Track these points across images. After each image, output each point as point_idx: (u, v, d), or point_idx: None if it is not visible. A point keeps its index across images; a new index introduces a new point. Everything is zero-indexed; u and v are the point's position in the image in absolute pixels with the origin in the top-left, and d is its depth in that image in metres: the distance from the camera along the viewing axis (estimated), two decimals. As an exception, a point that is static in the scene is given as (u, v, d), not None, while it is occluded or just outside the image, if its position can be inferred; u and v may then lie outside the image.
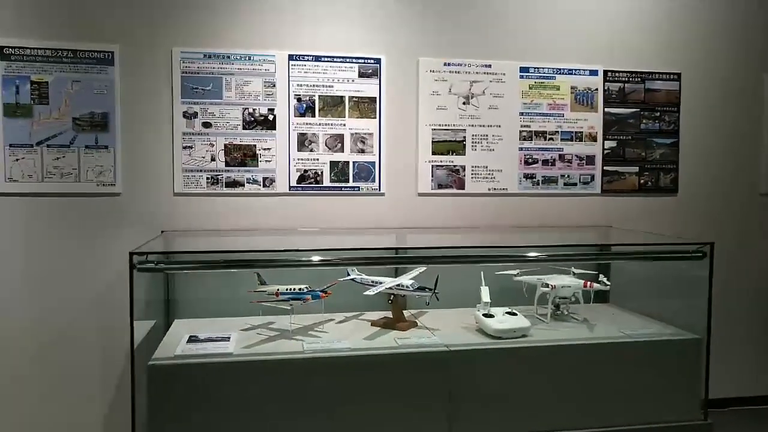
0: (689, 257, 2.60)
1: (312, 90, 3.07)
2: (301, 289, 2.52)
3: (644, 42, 3.40)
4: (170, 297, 2.89)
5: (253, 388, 2.21)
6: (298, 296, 2.48)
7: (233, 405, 2.19)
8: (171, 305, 2.89)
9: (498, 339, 2.51)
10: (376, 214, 3.16)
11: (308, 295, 2.49)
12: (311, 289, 2.54)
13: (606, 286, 2.78)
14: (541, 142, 3.31)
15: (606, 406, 2.50)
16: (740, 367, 3.60)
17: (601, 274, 2.84)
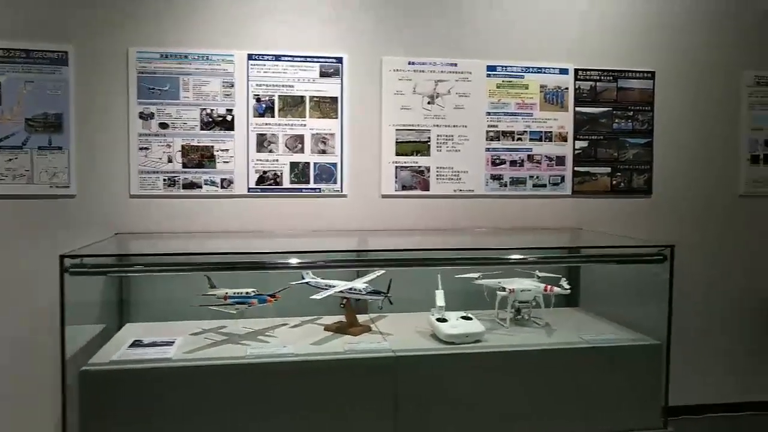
0: (650, 260, 2.51)
1: (272, 90, 3.01)
2: (248, 293, 2.47)
3: (617, 40, 3.32)
4: (124, 300, 2.85)
5: (189, 394, 2.16)
6: (243, 300, 2.43)
7: (169, 412, 2.14)
8: (125, 308, 2.85)
9: (450, 344, 2.44)
10: (339, 216, 3.10)
11: (254, 299, 2.44)
12: (258, 293, 2.49)
13: (566, 290, 2.70)
14: (508, 143, 3.23)
15: (562, 413, 2.42)
16: (719, 372, 3.50)
17: (562, 278, 2.76)
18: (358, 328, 2.62)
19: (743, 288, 3.50)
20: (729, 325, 3.50)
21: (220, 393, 2.18)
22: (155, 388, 2.14)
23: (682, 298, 3.36)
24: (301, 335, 2.58)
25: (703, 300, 3.45)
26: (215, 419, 2.17)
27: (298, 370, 2.25)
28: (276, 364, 2.25)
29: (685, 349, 3.43)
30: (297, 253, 2.65)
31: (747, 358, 3.52)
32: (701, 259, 3.44)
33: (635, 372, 2.48)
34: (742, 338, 3.52)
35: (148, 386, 2.14)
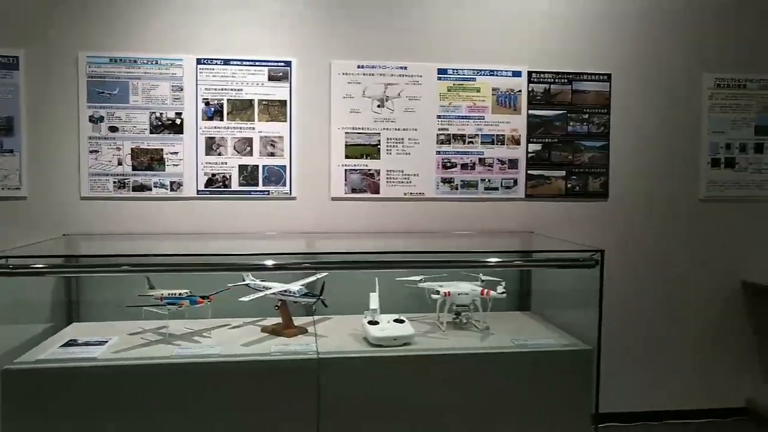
0: (582, 265, 2.49)
1: (221, 94, 3.05)
2: (180, 294, 2.51)
3: (573, 42, 3.29)
4: (74, 300, 2.91)
5: (111, 394, 2.20)
6: (174, 301, 2.47)
7: (89, 412, 2.18)
8: (74, 308, 2.90)
9: (378, 347, 2.45)
10: (288, 219, 3.13)
11: (184, 300, 2.47)
12: (191, 294, 2.52)
13: (502, 294, 2.69)
14: (460, 146, 3.23)
15: (488, 417, 2.41)
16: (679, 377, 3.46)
17: (502, 282, 2.75)
18: (293, 330, 2.64)
19: (702, 294, 3.45)
20: (687, 331, 3.45)
21: (141, 393, 2.22)
22: (76, 387, 2.18)
23: (641, 302, 3.37)
24: (237, 336, 2.61)
25: (661, 305, 3.42)
26: (136, 419, 2.20)
27: (220, 371, 2.28)
28: (198, 365, 2.28)
29: (644, 356, 3.41)
30: (237, 255, 2.70)
31: (709, 364, 3.47)
32: (660, 264, 3.40)
33: (566, 377, 2.47)
34: (701, 344, 3.47)
35: (69, 386, 2.18)
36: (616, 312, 3.37)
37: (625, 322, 3.39)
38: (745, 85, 3.42)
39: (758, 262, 3.47)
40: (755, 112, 3.44)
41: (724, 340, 3.48)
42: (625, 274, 3.37)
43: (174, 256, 2.47)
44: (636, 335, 3.43)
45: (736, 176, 3.44)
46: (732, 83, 3.41)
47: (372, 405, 2.34)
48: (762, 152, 3.45)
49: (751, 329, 3.50)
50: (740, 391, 3.51)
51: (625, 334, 3.39)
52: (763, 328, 3.49)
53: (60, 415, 2.16)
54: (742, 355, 3.50)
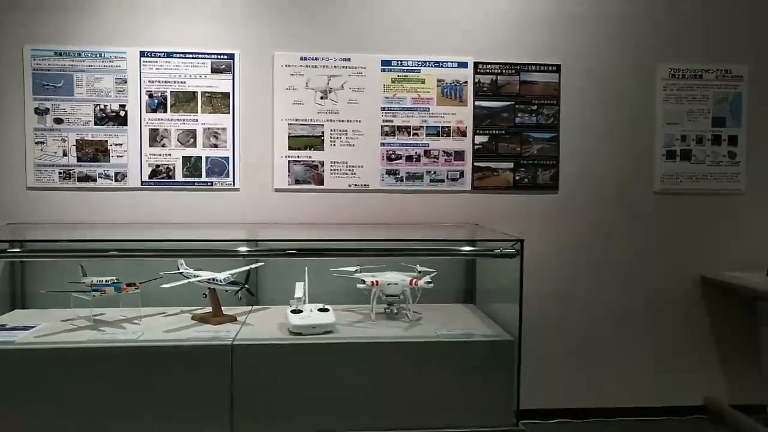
0: (502, 255, 2.46)
1: (164, 86, 3.09)
2: (106, 281, 2.54)
3: (521, 33, 3.26)
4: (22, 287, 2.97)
5: (25, 377, 2.24)
6: (98, 288, 2.51)
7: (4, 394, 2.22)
8: (18, 296, 2.96)
9: (298, 334, 2.46)
10: (231, 210, 3.15)
11: (108, 287, 2.51)
12: (117, 281, 2.56)
13: (429, 284, 2.68)
14: (404, 138, 3.22)
15: (408, 407, 2.40)
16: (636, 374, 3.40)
17: (432, 273, 2.74)
18: (219, 317, 2.66)
19: (659, 289, 3.38)
20: (644, 328, 3.38)
21: (54, 376, 2.25)
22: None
23: (594, 297, 3.31)
24: (166, 323, 2.64)
25: (615, 300, 3.36)
26: (49, 402, 2.24)
27: (133, 356, 2.30)
28: (111, 349, 2.31)
29: (599, 352, 3.36)
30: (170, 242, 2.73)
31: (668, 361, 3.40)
32: (614, 258, 3.34)
33: (487, 368, 2.44)
34: (659, 341, 3.39)
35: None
36: (568, 308, 3.33)
37: (578, 318, 3.34)
38: (702, 75, 3.35)
39: (717, 256, 3.38)
40: (713, 103, 3.36)
41: (682, 336, 3.41)
42: (578, 269, 3.32)
43: (109, 242, 2.53)
44: (591, 331, 3.37)
45: (692, 169, 3.36)
46: (687, 73, 3.34)
47: (285, 392, 2.34)
48: (719, 144, 3.37)
49: (710, 326, 3.41)
50: (699, 389, 3.43)
51: (579, 330, 3.34)
52: (722, 325, 3.40)
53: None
54: (701, 352, 3.42)
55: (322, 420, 2.35)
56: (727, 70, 3.36)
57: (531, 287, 3.24)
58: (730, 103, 3.36)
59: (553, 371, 3.33)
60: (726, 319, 3.39)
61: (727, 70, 3.36)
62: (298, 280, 2.74)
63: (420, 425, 2.39)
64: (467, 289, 3.21)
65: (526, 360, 3.26)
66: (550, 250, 3.30)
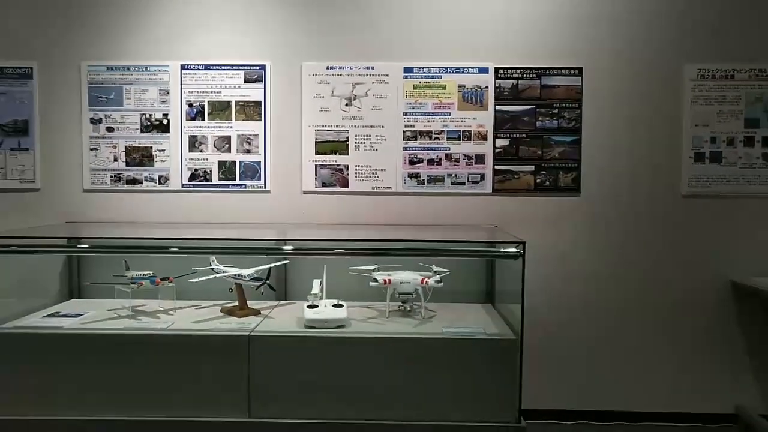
0: (505, 256, 2.54)
1: (202, 96, 3.35)
2: (143, 275, 2.82)
3: (541, 37, 3.30)
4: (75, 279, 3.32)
5: (66, 358, 2.52)
6: (135, 281, 2.78)
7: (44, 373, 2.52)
8: (75, 287, 3.30)
9: (311, 328, 2.63)
10: (262, 211, 3.37)
11: (143, 281, 2.78)
12: (153, 275, 2.83)
13: (439, 283, 2.79)
14: (426, 142, 3.33)
15: (411, 399, 2.52)
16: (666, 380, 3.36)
17: (444, 272, 2.85)
18: (245, 311, 2.87)
19: (688, 295, 3.33)
20: (674, 334, 3.34)
21: (94, 359, 2.52)
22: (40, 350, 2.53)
23: (622, 303, 3.31)
24: (196, 315, 2.88)
25: (643, 306, 3.33)
26: (85, 381, 2.51)
27: (160, 343, 2.54)
28: (142, 336, 2.56)
29: (628, 357, 3.35)
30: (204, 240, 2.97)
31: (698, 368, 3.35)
32: (640, 263, 3.32)
33: (491, 366, 2.52)
34: (689, 347, 3.34)
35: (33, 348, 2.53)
36: (592, 310, 3.35)
37: (602, 320, 3.35)
38: (734, 75, 3.27)
39: (748, 261, 3.29)
40: (745, 103, 3.27)
41: (712, 342, 3.34)
42: (601, 272, 3.32)
43: (151, 239, 2.82)
44: (616, 334, 3.37)
45: (723, 171, 3.29)
46: (718, 74, 3.27)
47: (297, 380, 2.51)
48: (753, 146, 3.28)
49: (742, 332, 3.33)
50: (730, 398, 3.35)
51: (604, 332, 3.35)
52: (755, 332, 3.31)
53: (25, 372, 2.52)
54: (733, 359, 3.34)
55: (331, 407, 2.51)
56: (761, 70, 3.26)
57: (553, 289, 3.32)
58: (765, 103, 3.26)
59: (576, 373, 3.35)
60: (759, 326, 3.29)
61: (762, 70, 3.26)
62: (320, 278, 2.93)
63: (422, 418, 2.50)
64: (487, 290, 3.29)
65: (547, 360, 3.33)
66: (573, 253, 3.32)
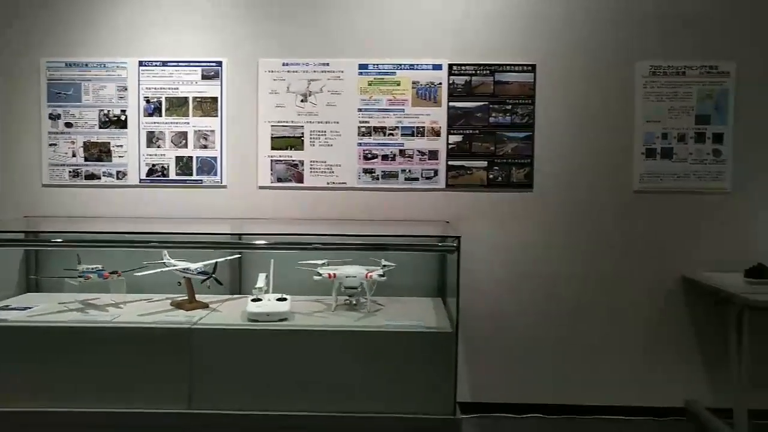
0: (441, 250, 2.58)
1: (159, 92, 3.39)
2: (90, 269, 2.86)
3: (495, 34, 3.33)
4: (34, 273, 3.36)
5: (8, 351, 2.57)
6: (82, 275, 2.82)
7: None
8: (31, 281, 3.35)
9: (254, 321, 2.67)
10: (219, 206, 3.41)
11: (90, 274, 2.82)
12: (101, 269, 2.87)
13: (382, 277, 2.83)
14: (380, 138, 3.37)
15: (350, 392, 2.56)
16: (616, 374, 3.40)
17: (389, 266, 2.88)
18: (192, 304, 2.92)
19: (640, 290, 3.36)
20: (624, 328, 3.38)
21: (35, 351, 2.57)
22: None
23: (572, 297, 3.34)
24: (147, 309, 2.92)
25: (594, 301, 3.37)
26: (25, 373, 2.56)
27: (104, 335, 2.59)
28: (83, 329, 2.61)
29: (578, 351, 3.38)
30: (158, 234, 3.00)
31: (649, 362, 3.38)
32: (592, 258, 3.35)
33: (428, 359, 2.56)
34: (640, 342, 3.38)
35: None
36: (544, 306, 3.38)
37: (554, 315, 3.38)
38: (685, 72, 3.29)
39: (699, 256, 3.32)
40: (696, 100, 3.29)
41: (663, 337, 3.37)
42: (554, 267, 3.35)
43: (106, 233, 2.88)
44: (568, 329, 3.40)
45: (674, 167, 3.32)
46: (669, 71, 3.30)
47: (237, 372, 2.56)
48: (703, 142, 3.30)
49: (692, 327, 3.36)
50: (681, 391, 3.38)
51: (556, 328, 3.38)
52: (706, 326, 3.33)
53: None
54: (683, 353, 3.37)
55: (269, 399, 2.56)
56: (712, 66, 3.28)
57: (506, 284, 3.36)
58: (715, 100, 3.29)
59: (529, 367, 3.39)
60: (709, 320, 3.32)
61: (713, 66, 3.28)
62: (274, 271, 2.97)
63: (360, 410, 2.55)
64: (439, 285, 3.33)
65: (500, 354, 3.37)
66: (526, 248, 3.35)
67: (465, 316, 3.37)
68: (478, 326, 3.39)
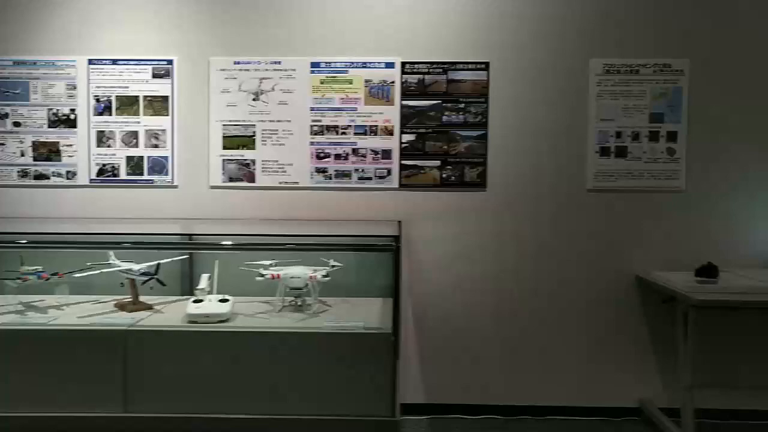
0: (379, 249, 2.55)
1: (109, 91, 3.35)
2: (31, 270, 2.82)
3: (448, 32, 3.30)
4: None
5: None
6: (20, 276, 2.78)
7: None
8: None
9: (193, 323, 2.64)
10: (170, 206, 3.37)
11: (27, 276, 2.78)
12: (41, 271, 2.83)
13: (326, 278, 2.80)
14: (333, 137, 3.33)
15: (288, 393, 2.53)
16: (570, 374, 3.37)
17: (332, 267, 2.85)
18: (135, 305, 2.88)
19: (594, 289, 3.33)
20: (578, 328, 3.35)
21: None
22: None
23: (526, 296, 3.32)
24: (89, 310, 2.88)
25: (548, 299, 3.35)
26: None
27: (40, 337, 2.55)
28: (17, 331, 2.56)
29: (533, 351, 3.36)
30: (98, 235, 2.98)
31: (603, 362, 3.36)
32: (546, 256, 3.33)
33: (369, 359, 2.53)
34: (594, 341, 3.36)
35: None
36: (498, 305, 3.35)
37: (509, 315, 3.35)
38: (638, 70, 3.27)
39: (653, 255, 3.30)
40: (650, 98, 3.27)
41: (619, 337, 3.35)
42: (508, 266, 3.33)
43: (53, 235, 2.83)
44: (522, 329, 3.38)
45: (628, 166, 3.30)
46: (623, 69, 3.27)
47: (173, 374, 2.52)
48: (657, 141, 3.28)
49: (646, 326, 3.34)
50: (635, 391, 3.36)
51: (509, 328, 3.36)
52: (658, 325, 3.31)
53: None
54: (637, 352, 3.35)
55: (206, 402, 2.52)
56: (666, 65, 3.26)
57: (459, 283, 3.33)
58: (669, 98, 3.27)
59: (483, 367, 3.36)
60: (663, 319, 3.29)
61: (666, 65, 3.26)
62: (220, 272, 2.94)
63: (301, 412, 2.52)
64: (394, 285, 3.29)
65: (453, 355, 3.35)
66: (479, 247, 3.33)
67: (419, 317, 3.36)
68: (433, 327, 3.36)
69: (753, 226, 3.27)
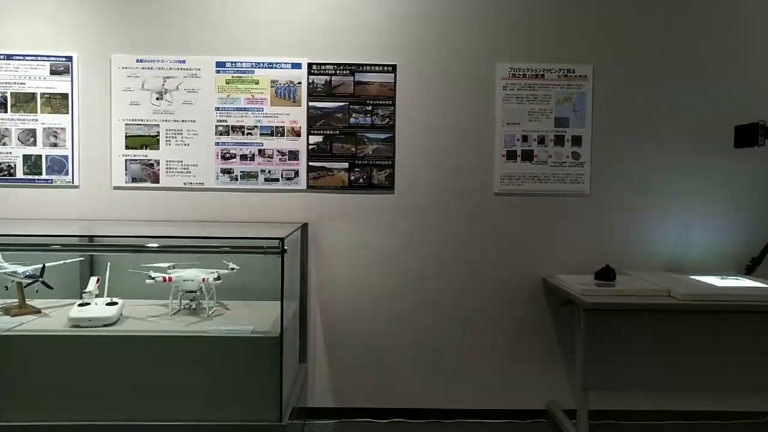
0: (267, 252, 2.50)
1: (4, 87, 3.23)
2: None
3: (355, 33, 3.28)
4: None
5: None
6: None
7: None
8: None
9: (76, 326, 2.55)
10: (71, 206, 3.27)
11: None
12: None
13: (218, 280, 2.74)
14: (238, 137, 3.28)
15: (177, 399, 2.46)
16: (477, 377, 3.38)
17: (218, 272, 2.81)
18: (22, 309, 2.77)
19: (501, 292, 3.35)
20: (485, 330, 3.37)
21: None
22: None
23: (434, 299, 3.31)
24: (-27, 315, 2.76)
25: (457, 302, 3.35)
26: None
27: None
28: None
29: (439, 354, 3.35)
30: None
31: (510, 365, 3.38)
32: (453, 260, 3.33)
33: (256, 364, 2.48)
34: (501, 344, 3.37)
35: None
36: (405, 308, 3.34)
37: (416, 319, 3.35)
38: (543, 74, 3.31)
39: (559, 259, 3.34)
40: (555, 103, 3.31)
41: (526, 340, 3.37)
42: (415, 269, 3.33)
43: None
44: (429, 333, 3.37)
45: (534, 169, 3.33)
46: (528, 73, 3.31)
47: (51, 380, 2.43)
48: (563, 145, 3.32)
49: (553, 329, 3.37)
50: (542, 393, 3.39)
51: (416, 331, 3.35)
52: (564, 328, 3.35)
53: None
54: (544, 355, 3.38)
55: (87, 409, 2.44)
56: (570, 70, 3.31)
57: (366, 286, 3.30)
58: (574, 103, 3.31)
59: (390, 371, 3.35)
60: (568, 321, 3.33)
61: (571, 70, 3.31)
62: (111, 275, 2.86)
63: (185, 417, 2.45)
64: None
65: (360, 359, 3.32)
66: (387, 250, 3.32)
67: (327, 320, 3.32)
68: (341, 330, 3.33)
69: (655, 229, 3.34)
